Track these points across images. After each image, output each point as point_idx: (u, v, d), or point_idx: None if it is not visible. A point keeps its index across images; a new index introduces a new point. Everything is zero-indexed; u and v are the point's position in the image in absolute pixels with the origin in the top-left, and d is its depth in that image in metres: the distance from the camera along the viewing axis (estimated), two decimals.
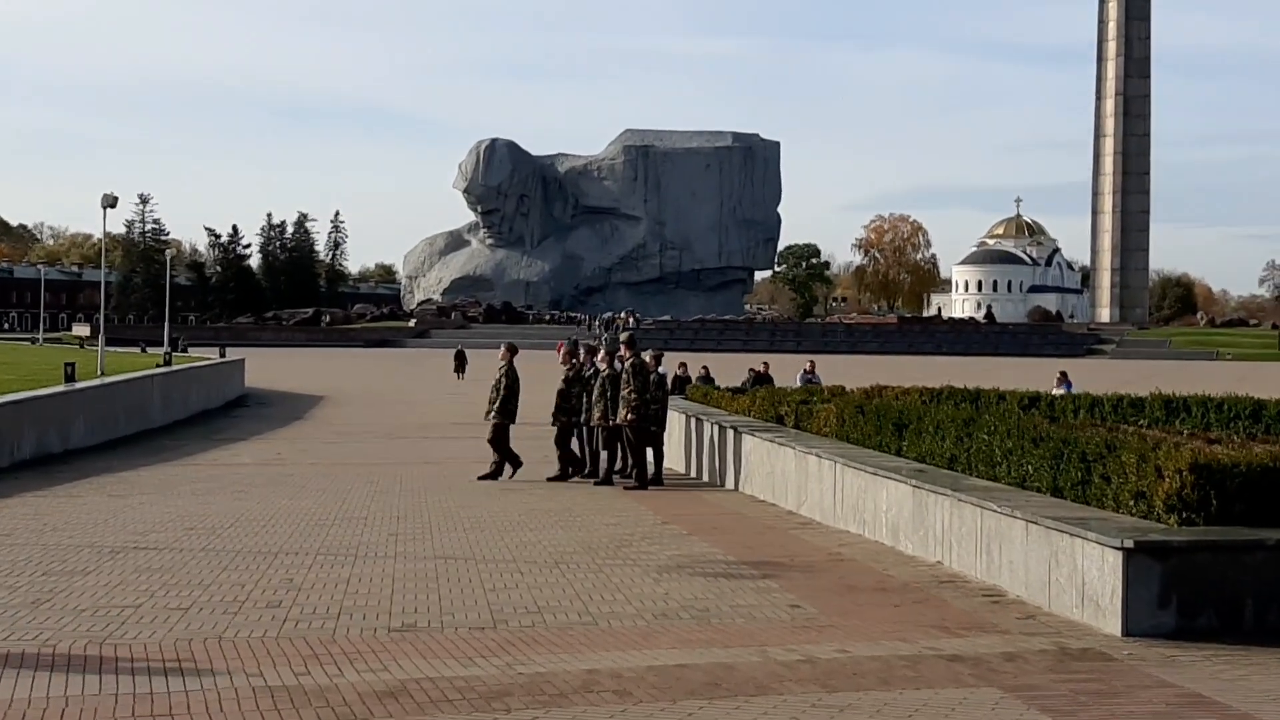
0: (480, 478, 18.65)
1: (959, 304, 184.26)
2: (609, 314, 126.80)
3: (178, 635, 8.21)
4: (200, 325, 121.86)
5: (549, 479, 18.64)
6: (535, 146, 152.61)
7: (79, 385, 26.87)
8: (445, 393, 49.78)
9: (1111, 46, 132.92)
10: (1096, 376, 47.46)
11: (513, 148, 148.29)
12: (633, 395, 17.85)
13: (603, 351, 19.29)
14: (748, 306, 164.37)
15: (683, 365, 27.85)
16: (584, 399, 19.47)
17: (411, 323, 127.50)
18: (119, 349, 58.85)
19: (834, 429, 15.96)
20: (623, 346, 18.38)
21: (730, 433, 18.18)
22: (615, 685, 7.00)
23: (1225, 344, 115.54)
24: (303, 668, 7.43)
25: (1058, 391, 24.89)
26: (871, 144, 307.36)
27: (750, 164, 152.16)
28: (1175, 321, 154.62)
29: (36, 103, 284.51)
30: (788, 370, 38.11)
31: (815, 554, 11.81)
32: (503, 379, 19.01)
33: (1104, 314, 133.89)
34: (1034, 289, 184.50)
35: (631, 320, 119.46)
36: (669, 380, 21.75)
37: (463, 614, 8.95)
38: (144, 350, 58.87)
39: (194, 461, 23.32)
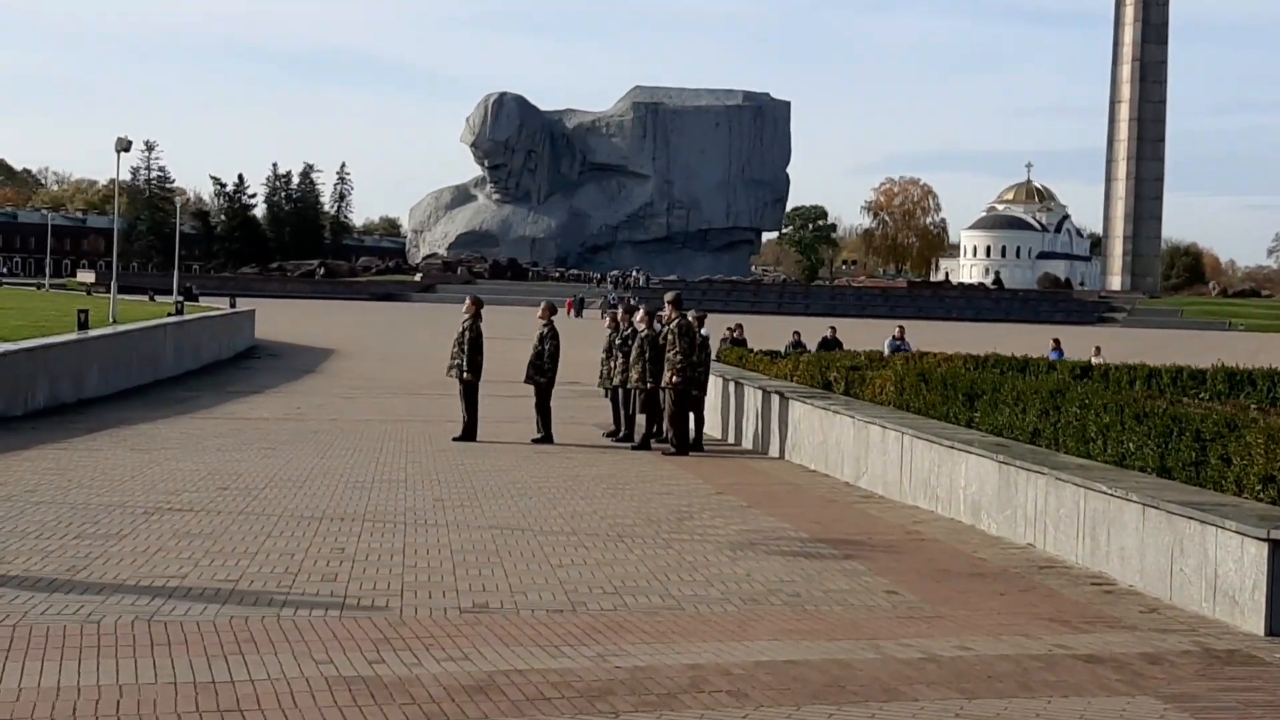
0: (455, 438, 17.96)
1: (967, 269, 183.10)
2: (616, 272, 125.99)
3: (233, 612, 7.51)
4: (204, 274, 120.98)
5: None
6: (544, 102, 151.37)
7: (92, 333, 26.15)
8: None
9: (1129, 11, 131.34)
10: (1113, 345, 46.64)
11: (521, 102, 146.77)
12: (678, 357, 17.12)
13: (642, 311, 18.55)
14: (754, 268, 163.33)
15: (738, 327, 27.04)
16: (613, 361, 18.79)
17: (417, 277, 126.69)
18: (127, 297, 58.03)
19: (891, 397, 15.24)
20: (667, 306, 17.63)
21: (776, 399, 17.47)
22: (727, 685, 6.30)
23: (1237, 314, 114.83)
24: (375, 654, 6.73)
25: (1096, 360, 24.24)
26: (880, 106, 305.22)
27: (760, 124, 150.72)
28: (1185, 291, 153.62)
29: (43, 47, 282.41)
30: (789, 332, 37.17)
31: (891, 531, 11.12)
32: (465, 333, 18.34)
33: (1115, 282, 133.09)
34: (1043, 255, 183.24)
35: (642, 279, 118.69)
36: (712, 341, 20.89)
37: (535, 593, 8.26)
38: (153, 298, 58.14)
39: (212, 415, 22.63)
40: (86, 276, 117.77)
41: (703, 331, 18.50)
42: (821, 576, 9.04)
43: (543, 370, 18.43)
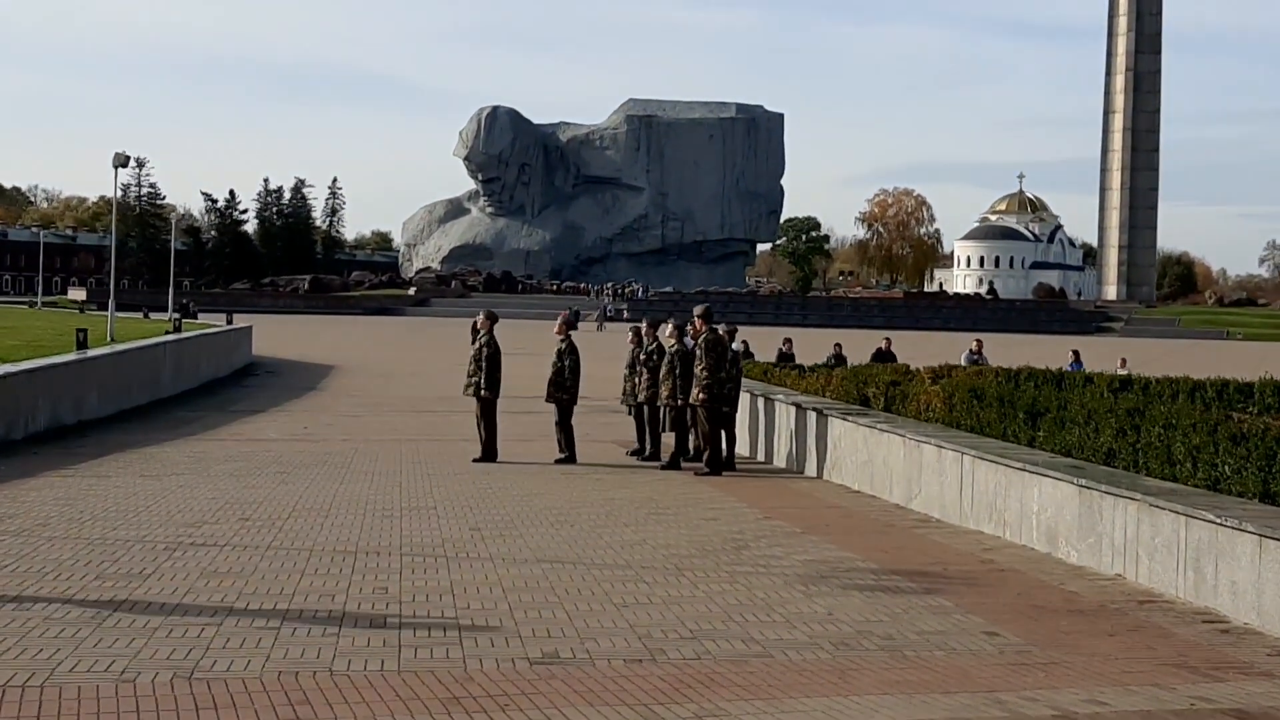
0: (475, 460, 17.21)
1: (960, 279, 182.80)
2: (610, 283, 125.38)
3: (279, 666, 6.79)
4: (195, 290, 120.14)
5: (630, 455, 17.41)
6: (537, 115, 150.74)
7: (92, 353, 25.41)
8: (454, 363, 48.30)
9: (1122, 22, 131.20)
10: (1115, 355, 45.98)
11: (514, 116, 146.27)
12: (704, 373, 16.44)
13: (670, 325, 17.86)
14: (749, 279, 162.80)
15: (787, 341, 26.35)
16: (637, 377, 18.17)
17: (411, 291, 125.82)
18: (121, 314, 57.26)
19: (940, 414, 14.56)
20: (696, 320, 16.94)
21: (812, 415, 16.78)
22: None
23: (1235, 323, 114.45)
24: (445, 716, 6.02)
25: (1121, 372, 23.58)
26: (873, 117, 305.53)
27: (754, 136, 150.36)
28: (1180, 300, 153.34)
29: (31, 65, 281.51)
30: (804, 346, 36.39)
31: (964, 561, 10.42)
32: (483, 349, 17.62)
33: (1110, 291, 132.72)
34: (1036, 265, 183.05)
35: (640, 290, 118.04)
36: (740, 356, 20.11)
37: (607, 639, 7.55)
38: (147, 316, 57.33)
39: (217, 436, 21.91)
40: (78, 294, 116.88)
41: (734, 346, 17.82)
42: (909, 615, 8.34)
43: (564, 387, 17.75)
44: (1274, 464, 8.94)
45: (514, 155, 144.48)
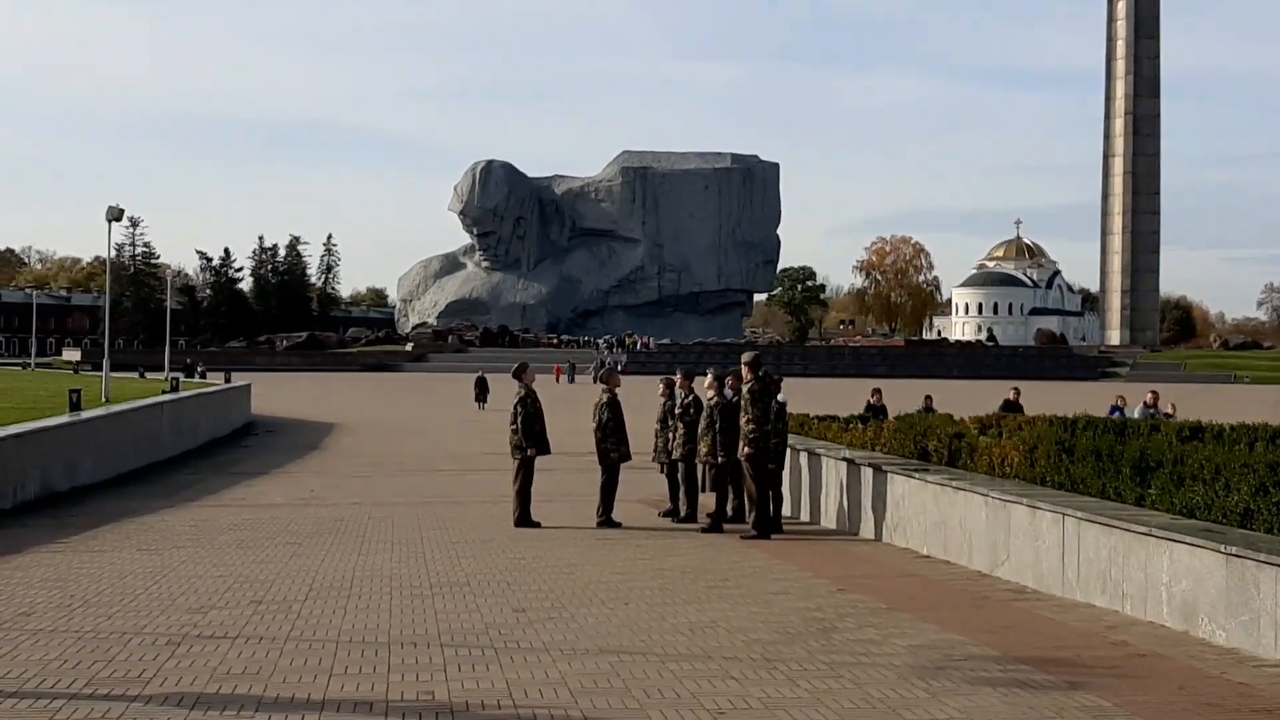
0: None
1: (959, 326, 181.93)
2: (608, 336, 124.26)
3: None
4: (191, 349, 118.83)
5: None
6: (532, 168, 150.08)
7: (85, 415, 24.00)
8: (459, 420, 47.17)
9: (1120, 65, 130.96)
10: (1128, 400, 44.59)
11: (509, 169, 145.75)
12: (749, 425, 15.12)
13: (710, 377, 16.53)
14: (747, 330, 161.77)
15: (877, 392, 24.36)
16: (671, 432, 16.87)
17: (409, 346, 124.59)
18: (116, 374, 55.92)
19: (1021, 470, 13.20)
20: (744, 369, 15.62)
21: (868, 472, 15.42)
22: None
23: (1241, 367, 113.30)
24: None
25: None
26: (868, 166, 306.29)
27: (749, 186, 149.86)
28: (1181, 344, 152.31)
29: (24, 127, 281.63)
30: (851, 398, 35.00)
31: (1092, 643, 9.03)
32: (534, 403, 16.34)
33: (1114, 336, 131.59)
34: (1035, 311, 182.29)
35: (639, 343, 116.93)
36: (784, 408, 18.65)
37: None
38: (143, 375, 55.96)
39: (220, 501, 20.52)
40: (72, 355, 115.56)
41: (779, 398, 16.47)
42: (1064, 719, 6.96)
43: (620, 445, 16.50)
44: None
45: (509, 209, 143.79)
